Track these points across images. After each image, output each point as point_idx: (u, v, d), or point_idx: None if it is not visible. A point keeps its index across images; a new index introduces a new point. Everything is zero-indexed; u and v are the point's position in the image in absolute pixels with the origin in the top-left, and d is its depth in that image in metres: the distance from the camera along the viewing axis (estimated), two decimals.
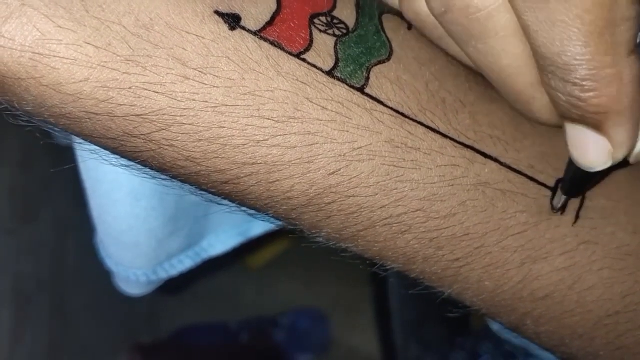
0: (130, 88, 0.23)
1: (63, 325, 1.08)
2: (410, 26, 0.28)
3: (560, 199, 0.28)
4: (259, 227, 0.53)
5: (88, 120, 0.24)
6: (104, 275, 0.55)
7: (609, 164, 0.25)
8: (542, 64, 0.24)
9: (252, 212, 0.28)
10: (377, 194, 0.26)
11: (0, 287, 0.95)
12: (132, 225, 0.45)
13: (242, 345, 1.26)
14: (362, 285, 1.23)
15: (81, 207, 0.57)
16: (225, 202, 0.28)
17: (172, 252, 0.49)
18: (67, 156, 0.53)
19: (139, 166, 0.26)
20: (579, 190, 0.28)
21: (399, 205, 0.26)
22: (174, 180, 0.27)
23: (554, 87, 0.24)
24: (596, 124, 0.24)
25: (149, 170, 0.27)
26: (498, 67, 0.26)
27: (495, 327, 0.60)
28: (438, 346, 0.97)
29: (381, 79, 0.26)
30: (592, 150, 0.25)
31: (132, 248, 0.47)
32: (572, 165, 0.27)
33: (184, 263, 0.51)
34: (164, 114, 0.24)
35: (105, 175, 0.43)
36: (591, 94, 0.23)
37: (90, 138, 0.25)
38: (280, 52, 0.25)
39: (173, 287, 1.23)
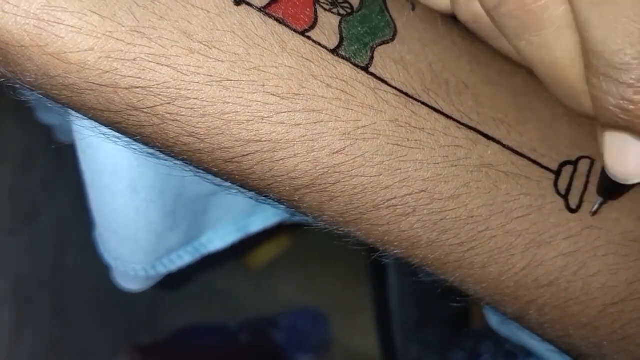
0: (134, 59, 0.23)
1: (63, 325, 1.07)
2: (414, 7, 0.28)
3: (596, 201, 0.28)
4: (259, 223, 0.53)
5: (91, 92, 0.24)
6: (104, 275, 0.55)
7: None
8: (595, 64, 0.23)
9: (254, 195, 0.28)
10: (381, 174, 0.26)
11: (0, 287, 0.95)
12: (131, 218, 0.45)
13: (242, 345, 1.25)
14: (362, 286, 1.23)
15: (81, 207, 0.56)
16: (227, 184, 0.28)
17: (171, 247, 0.49)
18: (68, 156, 0.53)
19: (141, 145, 0.26)
20: (615, 196, 0.28)
21: (403, 186, 0.26)
22: (175, 159, 0.27)
23: (605, 90, 0.23)
24: None
25: (150, 149, 0.27)
26: (551, 60, 0.26)
27: (495, 324, 0.60)
28: (438, 346, 0.97)
29: (385, 59, 0.26)
30: (632, 160, 0.25)
31: (131, 242, 0.47)
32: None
33: (183, 258, 0.50)
34: (168, 87, 0.24)
35: (105, 166, 0.43)
36: None
37: (93, 112, 0.25)
38: (285, 29, 0.25)
39: (172, 283, 1.23)
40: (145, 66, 0.23)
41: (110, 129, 0.26)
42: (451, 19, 0.29)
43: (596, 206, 0.28)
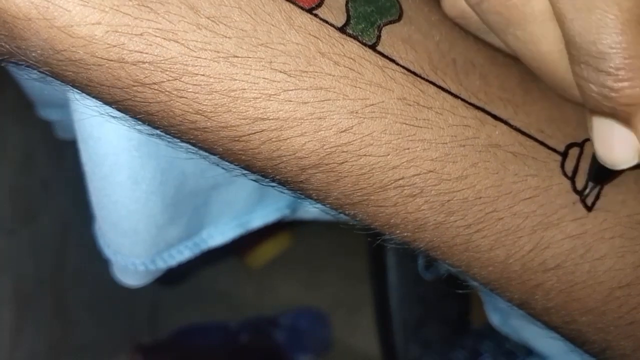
0: (142, 34, 0.23)
1: (63, 325, 1.07)
2: None
3: (588, 186, 0.28)
4: (259, 218, 0.53)
5: (98, 67, 0.23)
6: (105, 275, 0.55)
7: (634, 162, 0.25)
8: (575, 54, 0.24)
9: (258, 177, 0.28)
10: (389, 154, 0.26)
11: (0, 287, 0.95)
12: (132, 210, 0.45)
13: (242, 345, 1.26)
14: (362, 285, 1.23)
15: (81, 207, 0.56)
16: (231, 165, 0.28)
17: (171, 242, 0.49)
18: (68, 156, 0.53)
19: (146, 124, 0.26)
20: (604, 181, 0.28)
21: (411, 166, 0.26)
22: (181, 139, 0.27)
23: (586, 78, 0.24)
24: (626, 118, 0.24)
25: (155, 129, 0.26)
26: (538, 54, 0.26)
27: (496, 322, 0.60)
28: (438, 345, 0.97)
29: (393, 38, 0.26)
30: (618, 146, 0.25)
31: (131, 234, 0.47)
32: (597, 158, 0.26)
33: (183, 253, 0.50)
34: (175, 63, 0.23)
35: (105, 157, 0.42)
36: (625, 83, 0.23)
37: (99, 88, 0.25)
38: (292, 6, 0.25)
39: (172, 282, 1.23)
40: (152, 41, 0.23)
41: (116, 107, 0.26)
42: None
43: (588, 190, 0.28)
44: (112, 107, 0.26)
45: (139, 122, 0.26)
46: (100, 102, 0.26)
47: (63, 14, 0.22)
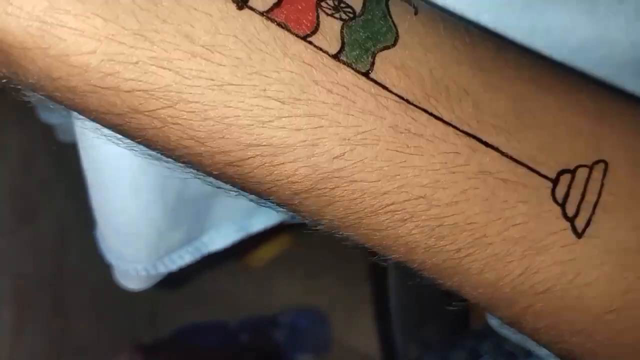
0: (137, 63, 0.23)
1: (63, 325, 1.08)
2: (416, 11, 0.28)
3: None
4: (260, 222, 0.53)
5: (93, 94, 0.24)
6: (105, 275, 0.55)
7: None
8: None
9: (254, 198, 0.28)
10: (380, 180, 0.26)
11: (0, 287, 0.95)
12: (133, 217, 0.45)
13: (242, 345, 1.26)
14: (362, 286, 1.23)
15: (81, 208, 0.57)
16: (227, 186, 0.28)
17: (172, 247, 0.49)
18: (68, 156, 0.53)
19: (142, 147, 0.26)
20: None
21: (402, 192, 0.26)
22: (177, 162, 0.27)
23: None
24: None
25: (151, 151, 0.27)
26: None
27: (495, 325, 0.60)
28: (438, 346, 0.97)
29: (386, 65, 0.26)
30: None
31: (133, 241, 0.47)
32: None
33: (184, 258, 0.51)
34: (170, 91, 0.24)
35: (106, 165, 0.43)
36: None
37: (95, 114, 0.25)
38: (287, 34, 0.25)
39: (172, 283, 1.23)
40: (147, 69, 0.23)
41: (112, 130, 0.26)
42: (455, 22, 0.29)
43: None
44: (110, 130, 0.26)
45: (136, 145, 0.26)
46: (97, 125, 0.26)
47: (58, 43, 0.23)
